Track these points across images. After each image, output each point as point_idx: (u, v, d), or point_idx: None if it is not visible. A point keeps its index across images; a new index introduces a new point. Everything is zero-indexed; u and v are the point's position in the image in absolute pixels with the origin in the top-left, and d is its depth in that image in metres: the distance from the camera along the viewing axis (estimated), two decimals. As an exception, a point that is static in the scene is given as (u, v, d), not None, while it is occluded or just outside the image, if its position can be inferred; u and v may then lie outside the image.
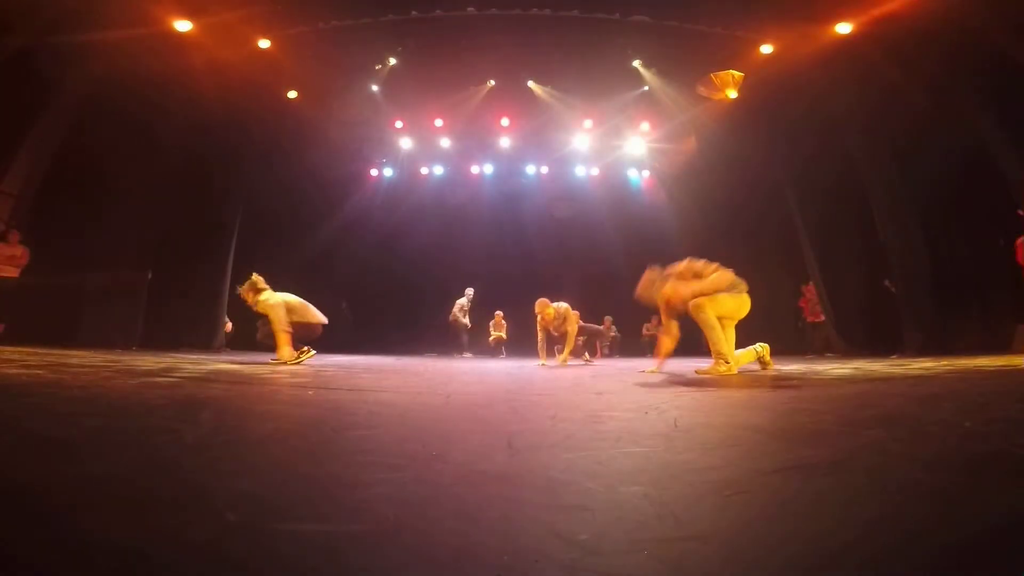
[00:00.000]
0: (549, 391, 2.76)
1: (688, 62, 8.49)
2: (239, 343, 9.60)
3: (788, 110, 8.42)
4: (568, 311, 6.59)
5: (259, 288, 5.35)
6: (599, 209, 12.48)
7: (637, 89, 9.85)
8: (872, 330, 8.16)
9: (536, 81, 9.95)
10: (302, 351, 5.22)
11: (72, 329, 7.28)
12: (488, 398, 2.42)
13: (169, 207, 8.48)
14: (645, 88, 9.75)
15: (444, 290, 11.21)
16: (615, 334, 11.12)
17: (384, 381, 3.24)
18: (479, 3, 7.64)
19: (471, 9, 7.70)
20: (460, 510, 0.81)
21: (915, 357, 6.09)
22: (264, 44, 7.82)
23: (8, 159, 6.99)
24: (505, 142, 11.78)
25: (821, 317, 8.81)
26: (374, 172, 12.73)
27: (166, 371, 3.30)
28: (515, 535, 0.71)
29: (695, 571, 0.61)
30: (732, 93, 8.01)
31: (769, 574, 0.62)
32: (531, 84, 9.98)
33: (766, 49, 7.81)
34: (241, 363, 4.67)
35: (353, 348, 9.07)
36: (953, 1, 6.07)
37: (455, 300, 10.41)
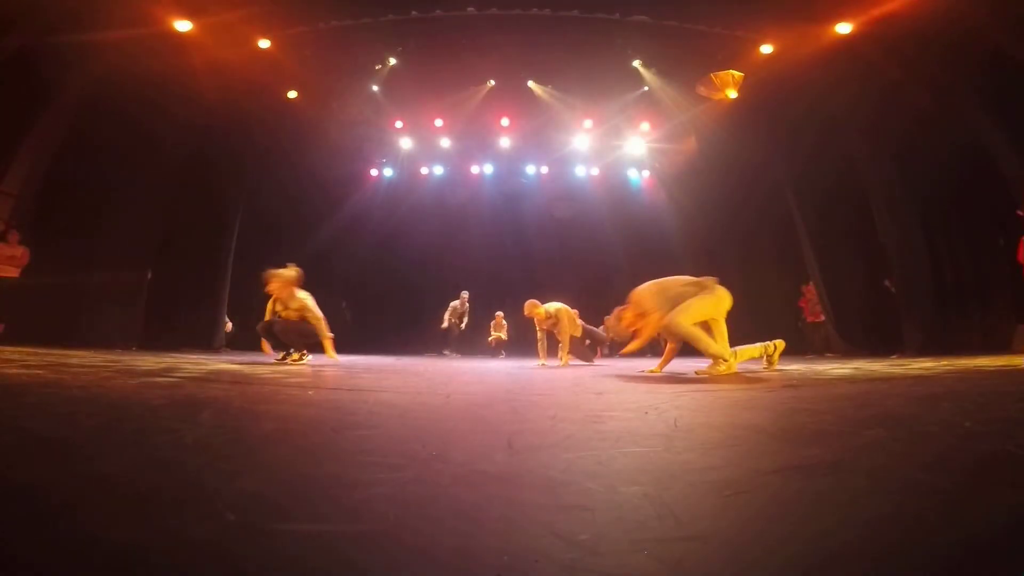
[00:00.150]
0: (549, 391, 2.76)
1: (688, 62, 8.49)
2: (239, 343, 9.60)
3: (788, 110, 8.42)
4: (560, 311, 6.50)
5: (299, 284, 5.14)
6: (599, 209, 12.48)
7: (637, 89, 9.85)
8: (872, 330, 8.16)
9: (536, 81, 9.95)
10: (303, 353, 5.22)
11: (72, 329, 7.29)
12: (488, 398, 2.41)
13: (169, 207, 8.48)
14: (645, 88, 9.75)
15: (444, 290, 11.21)
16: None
17: (384, 381, 3.24)
18: (479, 3, 7.64)
19: (471, 9, 7.70)
20: (460, 510, 0.81)
21: (915, 357, 6.09)
22: (264, 44, 7.82)
23: (8, 159, 6.99)
24: (505, 142, 11.78)
25: (821, 317, 8.81)
26: (374, 172, 12.73)
27: (166, 371, 3.30)
28: (515, 535, 0.71)
29: (695, 571, 0.61)
30: (732, 93, 8.01)
31: (769, 574, 0.62)
32: (531, 84, 9.98)
33: (766, 49, 7.81)
34: (241, 363, 4.67)
35: (353, 348, 9.06)
36: (953, 1, 6.07)
37: (451, 303, 10.44)
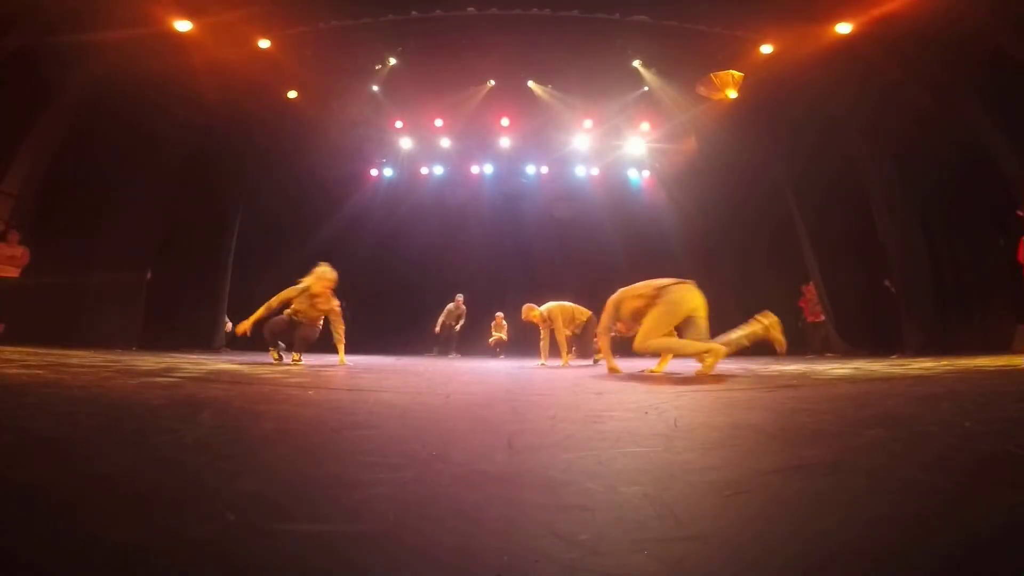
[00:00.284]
0: (549, 391, 2.76)
1: (688, 62, 8.49)
2: (239, 343, 9.60)
3: (788, 110, 8.42)
4: (552, 311, 6.50)
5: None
6: (599, 209, 12.48)
7: (637, 89, 9.85)
8: (872, 330, 8.16)
9: (536, 81, 9.95)
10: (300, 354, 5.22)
11: (72, 329, 7.29)
12: (488, 398, 2.41)
13: (169, 207, 8.48)
14: (645, 88, 9.75)
15: (444, 290, 11.20)
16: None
17: (384, 381, 3.24)
18: (479, 3, 7.64)
19: (471, 9, 7.70)
20: (460, 510, 0.81)
21: (915, 357, 6.09)
22: (264, 44, 7.82)
23: (8, 159, 6.99)
24: (505, 142, 11.78)
25: (821, 317, 8.81)
26: (374, 172, 12.73)
27: (166, 371, 3.30)
28: (515, 535, 0.71)
29: (695, 571, 0.61)
30: (732, 93, 8.01)
31: (769, 574, 0.62)
32: (531, 84, 9.98)
33: (766, 49, 7.81)
34: (241, 363, 4.67)
35: (353, 348, 9.06)
36: (953, 1, 6.07)
37: (447, 306, 10.48)
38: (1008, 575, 0.63)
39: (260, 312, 4.98)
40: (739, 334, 4.00)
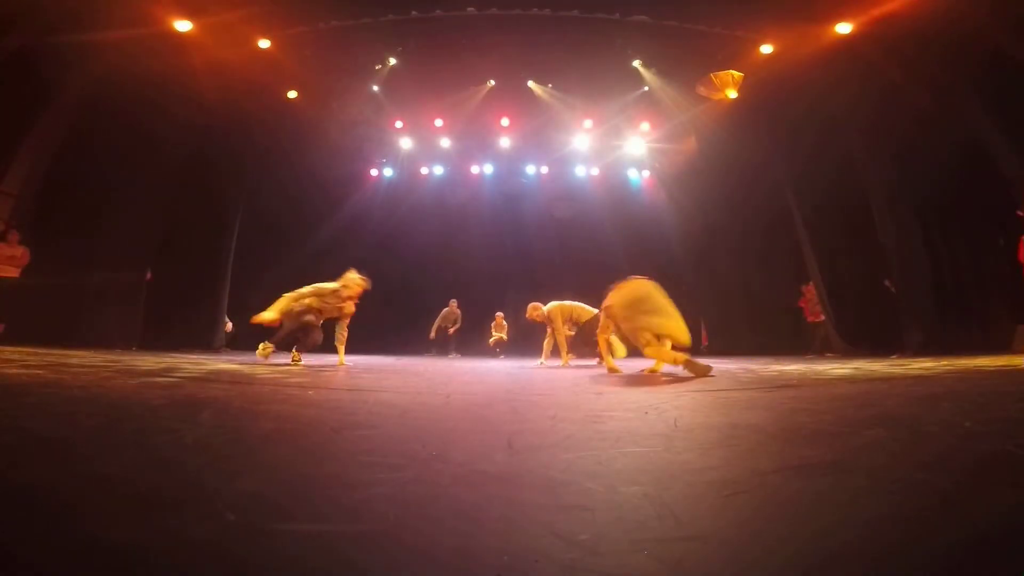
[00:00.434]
0: (549, 391, 2.76)
1: (688, 62, 8.49)
2: (239, 343, 9.60)
3: (788, 110, 8.42)
4: (552, 312, 6.49)
5: None
6: (599, 209, 12.48)
7: (637, 89, 9.85)
8: (872, 330, 8.16)
9: (536, 81, 9.95)
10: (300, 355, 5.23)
11: (72, 329, 7.29)
12: (488, 398, 2.41)
13: (169, 207, 8.48)
14: (645, 88, 9.75)
15: (444, 290, 11.20)
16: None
17: (384, 381, 3.24)
18: (479, 3, 7.63)
19: (471, 9, 7.70)
20: (460, 510, 0.81)
21: (915, 357, 6.09)
22: (264, 44, 7.82)
23: (8, 159, 6.99)
24: (505, 142, 11.78)
25: (821, 317, 8.81)
26: (374, 172, 12.72)
27: (166, 371, 3.30)
28: (515, 535, 0.71)
29: (695, 571, 0.61)
30: (732, 93, 8.01)
31: (769, 574, 0.62)
32: (531, 84, 9.98)
33: (766, 49, 7.81)
34: (241, 363, 4.67)
35: (353, 348, 9.06)
36: (953, 1, 6.07)
37: (442, 309, 10.58)
38: (1008, 575, 0.63)
39: (287, 302, 4.97)
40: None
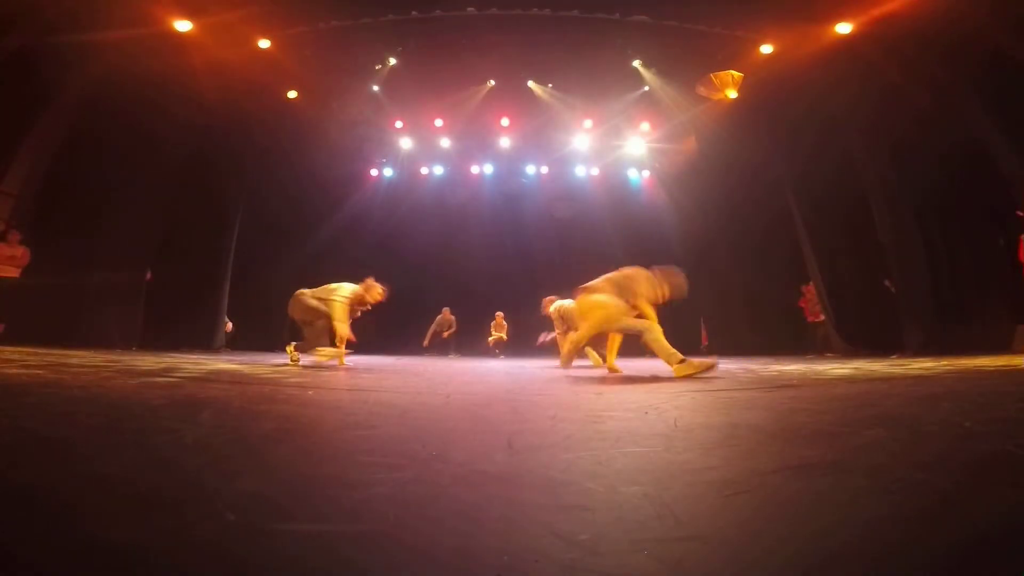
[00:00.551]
0: (549, 391, 2.76)
1: (688, 62, 8.49)
2: (239, 343, 9.60)
3: (788, 110, 8.42)
4: (558, 310, 6.50)
5: None
6: (599, 209, 12.48)
7: (637, 89, 9.84)
8: (872, 330, 8.16)
9: (536, 81, 9.95)
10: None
11: (72, 329, 7.29)
12: (488, 398, 2.41)
13: (169, 207, 8.48)
14: (645, 88, 9.75)
15: (444, 290, 11.20)
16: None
17: (384, 381, 3.24)
18: (479, 3, 7.63)
19: (471, 9, 7.69)
20: (460, 510, 0.81)
21: (915, 357, 6.09)
22: (264, 44, 7.82)
23: (8, 159, 6.99)
24: (505, 142, 11.78)
25: (821, 317, 8.81)
26: (374, 172, 12.72)
27: (166, 371, 3.30)
28: (515, 535, 0.71)
29: (695, 571, 0.61)
30: (732, 93, 8.01)
31: (769, 574, 0.62)
32: (531, 84, 9.97)
33: (766, 49, 7.81)
34: (241, 363, 4.67)
35: (353, 348, 9.07)
36: (953, 1, 6.07)
37: (436, 316, 10.69)
38: (1008, 575, 0.63)
39: (346, 313, 5.14)
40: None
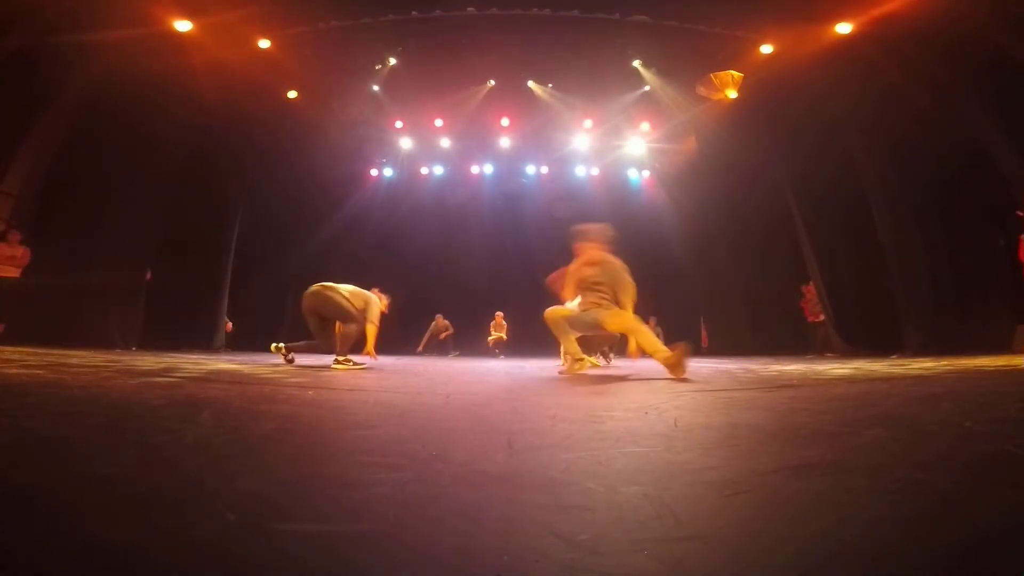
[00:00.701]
0: (549, 391, 2.76)
1: (688, 62, 8.49)
2: (239, 343, 9.60)
3: (788, 110, 8.42)
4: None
5: None
6: (599, 209, 12.46)
7: (637, 89, 9.85)
8: (872, 330, 8.16)
9: (536, 81, 9.95)
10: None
11: (72, 329, 7.29)
12: (488, 398, 2.41)
13: (169, 207, 8.49)
14: (645, 88, 9.75)
15: (444, 290, 11.20)
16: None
17: (384, 381, 3.24)
18: (479, 3, 7.64)
19: (471, 9, 7.70)
20: (460, 510, 0.81)
21: (915, 357, 6.09)
22: (264, 44, 7.83)
23: (8, 159, 6.99)
24: (505, 142, 11.78)
25: (821, 317, 8.81)
26: (374, 172, 12.73)
27: (166, 371, 3.30)
28: (515, 535, 0.71)
29: (695, 571, 0.61)
30: (732, 93, 8.02)
31: (769, 574, 0.62)
32: (531, 84, 9.98)
33: (766, 49, 7.81)
34: (241, 363, 4.67)
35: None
36: (953, 1, 6.07)
37: (432, 320, 10.77)
38: (1008, 575, 0.63)
39: (377, 311, 5.30)
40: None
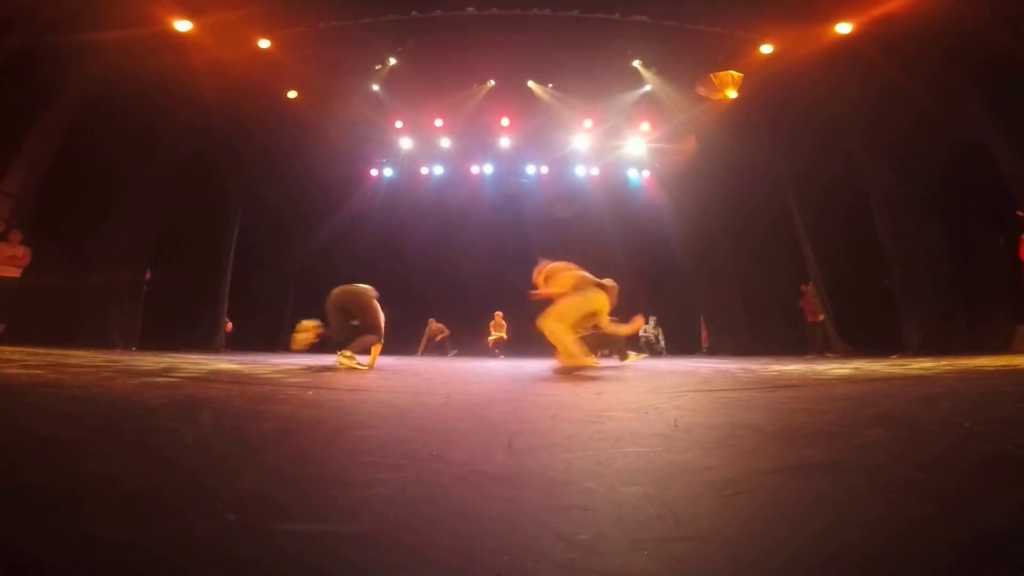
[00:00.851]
0: (549, 391, 2.76)
1: (688, 62, 8.49)
2: (239, 343, 9.60)
3: (788, 110, 8.41)
4: None
5: None
6: (599, 209, 12.48)
7: (637, 89, 9.85)
8: (872, 330, 8.16)
9: (536, 81, 9.95)
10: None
11: (72, 329, 7.29)
12: (488, 398, 2.41)
13: (169, 207, 8.48)
14: (645, 88, 9.75)
15: (444, 290, 11.19)
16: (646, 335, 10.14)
17: (384, 381, 3.24)
18: (479, 3, 7.63)
19: (471, 9, 7.70)
20: (460, 510, 0.81)
21: (915, 357, 6.09)
22: (264, 44, 7.82)
23: (8, 159, 6.99)
24: (505, 142, 11.78)
25: (821, 317, 8.81)
26: (374, 172, 12.73)
27: (166, 371, 3.30)
28: (515, 535, 0.71)
29: (695, 571, 0.61)
30: (732, 93, 8.02)
31: (769, 574, 0.62)
32: (531, 84, 9.98)
33: (766, 49, 7.81)
34: (241, 363, 4.67)
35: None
36: (953, 1, 6.07)
37: (425, 324, 10.87)
38: (1008, 575, 0.63)
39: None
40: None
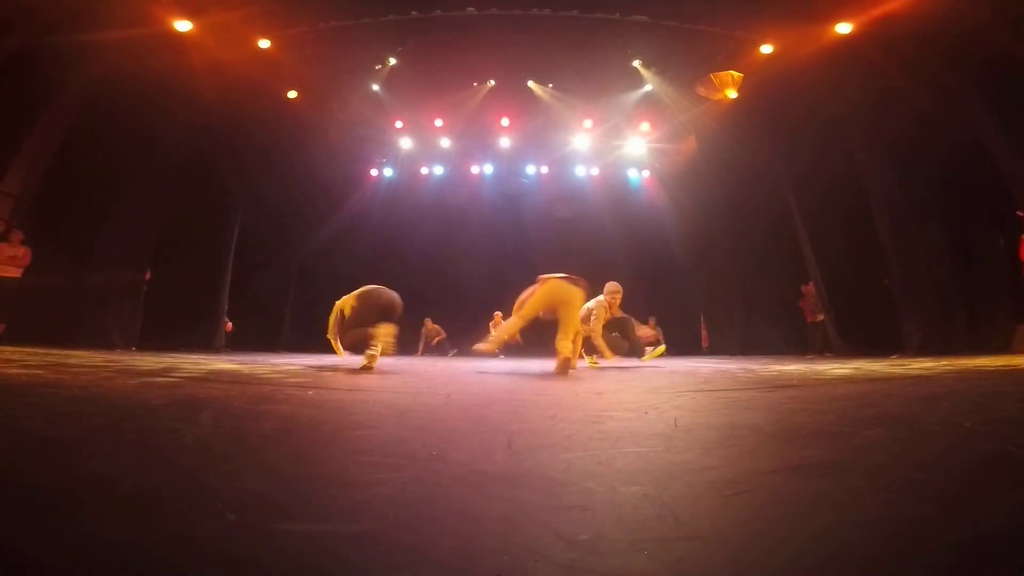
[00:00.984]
0: (549, 391, 2.76)
1: (688, 62, 8.49)
2: (239, 343, 9.60)
3: (788, 110, 8.42)
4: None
5: None
6: (599, 209, 12.48)
7: (637, 89, 9.85)
8: (872, 330, 8.16)
9: (536, 81, 9.95)
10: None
11: (72, 329, 7.30)
12: (488, 398, 2.41)
13: (169, 207, 8.49)
14: (645, 88, 9.75)
15: (444, 290, 11.19)
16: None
17: (384, 381, 3.24)
18: (479, 3, 7.63)
19: (471, 9, 7.70)
20: (460, 510, 0.81)
21: (915, 357, 6.08)
22: (264, 44, 7.82)
23: (8, 159, 6.99)
24: (505, 142, 11.78)
25: (821, 317, 8.81)
26: (374, 172, 12.73)
27: (166, 371, 3.30)
28: (515, 535, 0.71)
29: (695, 571, 0.61)
30: (732, 93, 8.02)
31: (769, 574, 0.62)
32: (531, 84, 9.98)
33: (766, 49, 7.81)
34: (241, 363, 4.67)
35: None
36: (953, 1, 6.07)
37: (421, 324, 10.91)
38: (1008, 575, 0.63)
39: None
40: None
